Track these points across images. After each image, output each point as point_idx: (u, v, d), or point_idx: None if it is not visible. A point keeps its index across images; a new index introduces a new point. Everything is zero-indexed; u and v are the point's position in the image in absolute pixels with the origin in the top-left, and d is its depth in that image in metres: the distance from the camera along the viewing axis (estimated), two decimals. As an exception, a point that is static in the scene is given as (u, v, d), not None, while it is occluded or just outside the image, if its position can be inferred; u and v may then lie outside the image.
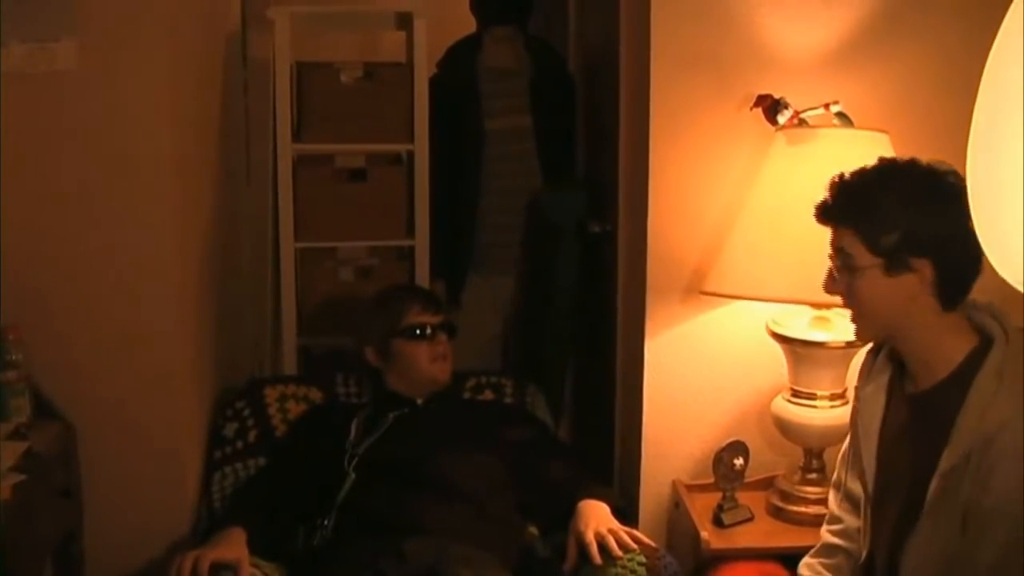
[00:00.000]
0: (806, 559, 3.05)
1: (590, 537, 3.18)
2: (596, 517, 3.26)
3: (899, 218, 2.55)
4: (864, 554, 2.82)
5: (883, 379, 2.78)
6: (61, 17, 3.22)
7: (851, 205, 2.65)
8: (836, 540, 3.00)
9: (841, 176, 2.69)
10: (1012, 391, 2.49)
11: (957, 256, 2.50)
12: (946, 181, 2.55)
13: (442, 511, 3.27)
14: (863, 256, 2.61)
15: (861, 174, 2.67)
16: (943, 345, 2.61)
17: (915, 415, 2.69)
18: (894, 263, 2.56)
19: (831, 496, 3.05)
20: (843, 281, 2.69)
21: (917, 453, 2.63)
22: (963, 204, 2.27)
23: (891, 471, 2.73)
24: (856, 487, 2.90)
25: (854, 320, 2.75)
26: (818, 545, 3.05)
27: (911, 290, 2.57)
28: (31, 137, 3.26)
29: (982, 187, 1.58)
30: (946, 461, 2.53)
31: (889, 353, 2.78)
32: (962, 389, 2.54)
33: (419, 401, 3.65)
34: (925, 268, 2.55)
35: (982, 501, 2.47)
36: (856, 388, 2.89)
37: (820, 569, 2.99)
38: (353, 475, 3.38)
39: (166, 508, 3.54)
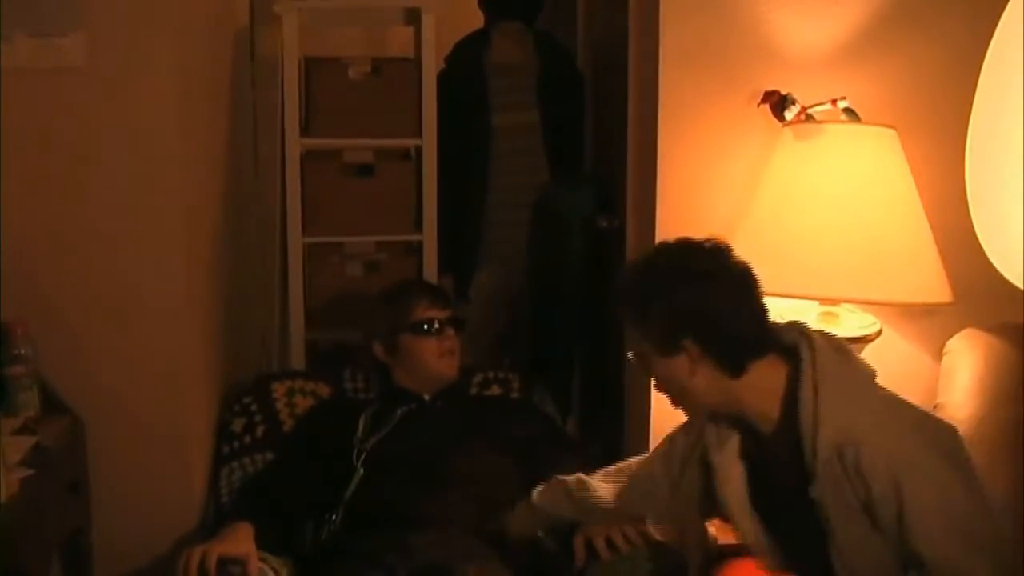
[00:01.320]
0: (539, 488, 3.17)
1: (598, 534, 3.18)
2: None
3: (658, 303, 2.60)
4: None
5: (733, 444, 2.78)
6: (68, 12, 3.22)
7: (623, 296, 2.73)
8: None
9: (625, 266, 2.74)
10: (834, 392, 2.53)
11: (726, 328, 2.57)
12: (712, 257, 2.63)
13: (450, 506, 3.27)
14: (639, 343, 2.70)
15: (634, 265, 2.75)
16: (757, 394, 2.64)
17: (772, 457, 2.68)
18: (664, 346, 2.62)
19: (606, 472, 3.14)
20: (639, 367, 2.76)
21: (788, 491, 2.63)
22: (734, 276, 2.49)
23: (774, 513, 2.73)
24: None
25: (673, 404, 2.79)
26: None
27: (688, 367, 2.60)
28: (38, 132, 3.26)
29: (981, 186, 1.59)
30: (814, 490, 2.55)
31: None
32: (796, 418, 2.57)
33: (426, 397, 3.65)
34: (690, 346, 2.59)
35: (871, 495, 2.47)
36: (716, 462, 2.87)
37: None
38: (361, 471, 3.39)
39: (174, 503, 3.55)
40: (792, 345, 2.63)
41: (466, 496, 3.31)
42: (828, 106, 3.41)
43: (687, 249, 2.68)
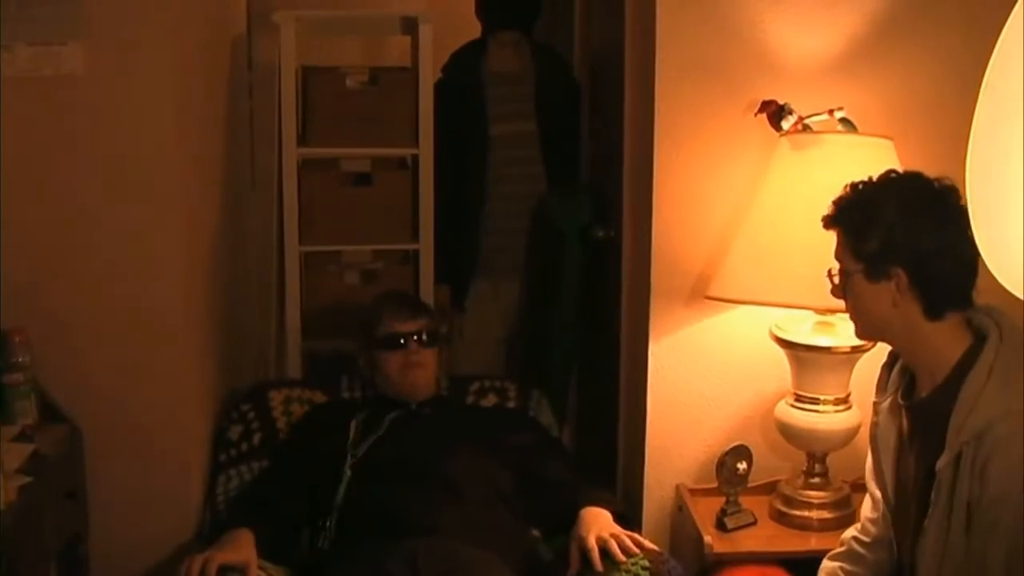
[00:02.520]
0: (828, 561, 3.06)
1: (592, 542, 3.19)
2: (598, 523, 3.27)
3: (879, 227, 2.64)
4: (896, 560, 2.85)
5: (895, 392, 2.82)
6: (67, 21, 3.23)
7: (842, 213, 2.74)
8: (862, 551, 3.01)
9: (849, 184, 2.74)
10: (1003, 386, 2.53)
11: (937, 268, 2.60)
12: (940, 197, 2.63)
13: (445, 512, 3.27)
14: (849, 261, 2.71)
15: (859, 184, 2.73)
16: (936, 350, 2.66)
17: (918, 421, 2.72)
18: (874, 270, 2.65)
19: (866, 504, 3.05)
20: (839, 284, 2.77)
21: (923, 458, 2.66)
22: (956, 221, 2.34)
23: (906, 479, 2.75)
24: (879, 496, 2.93)
25: (851, 320, 2.84)
26: (843, 548, 3.05)
27: (891, 296, 2.62)
28: (36, 141, 3.27)
29: (981, 196, 1.60)
30: (941, 461, 2.58)
31: (902, 366, 2.81)
32: (957, 391, 2.58)
33: (413, 405, 3.66)
34: (901, 277, 2.61)
35: (981, 497, 2.50)
36: (874, 403, 2.91)
37: (839, 573, 3.01)
38: (349, 473, 3.39)
39: (171, 511, 3.55)
40: (980, 325, 2.65)
41: (460, 501, 3.31)
42: (825, 116, 3.42)
43: (920, 183, 2.70)
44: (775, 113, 3.43)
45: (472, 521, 3.27)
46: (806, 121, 3.41)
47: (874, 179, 2.74)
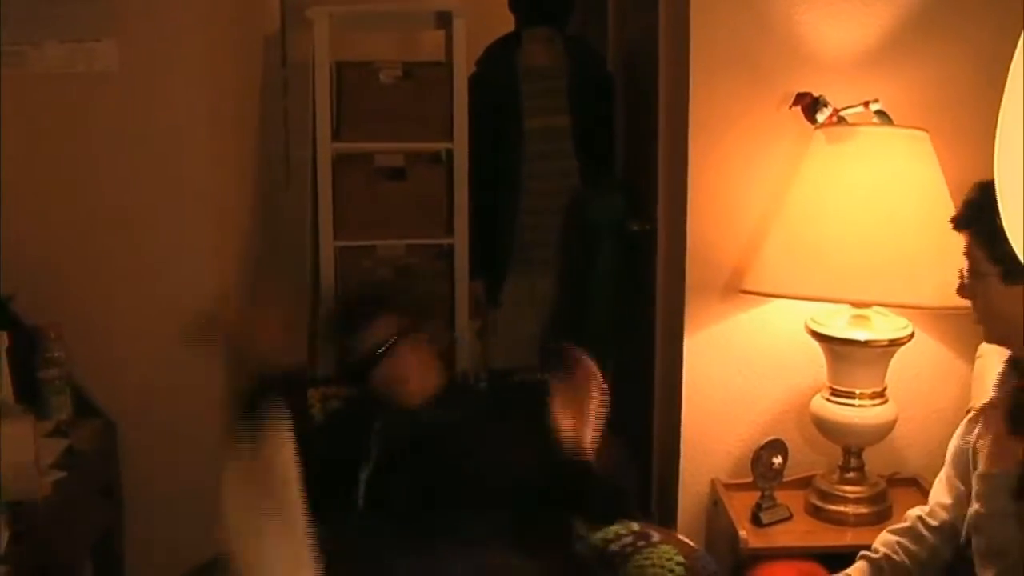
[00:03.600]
0: (886, 534, 3.01)
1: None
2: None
3: None
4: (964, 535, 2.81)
5: (1009, 388, 2.78)
6: (101, 18, 3.25)
7: (975, 212, 2.66)
8: (926, 532, 2.96)
9: (977, 184, 2.69)
10: None
11: None
12: None
13: (477, 515, 3.21)
14: (982, 263, 2.63)
15: (990, 183, 2.68)
16: None
17: (1020, 415, 2.68)
18: (1010, 272, 2.57)
19: (939, 488, 3.00)
20: (969, 285, 2.71)
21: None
22: None
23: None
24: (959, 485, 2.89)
25: (978, 323, 2.77)
26: (907, 524, 3.00)
27: None
28: (70, 137, 3.29)
29: (1011, 188, 1.57)
30: None
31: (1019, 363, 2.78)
32: None
33: (423, 408, 3.42)
34: None
35: None
36: (990, 402, 2.86)
37: (898, 550, 2.96)
38: (368, 470, 3.30)
39: (205, 506, 3.55)
40: None
41: (491, 505, 3.25)
42: (860, 108, 3.40)
43: None
44: (810, 106, 3.41)
45: (503, 525, 3.21)
46: (841, 113, 3.39)
47: None
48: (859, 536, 3.23)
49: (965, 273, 2.71)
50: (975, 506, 2.65)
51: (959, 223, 2.71)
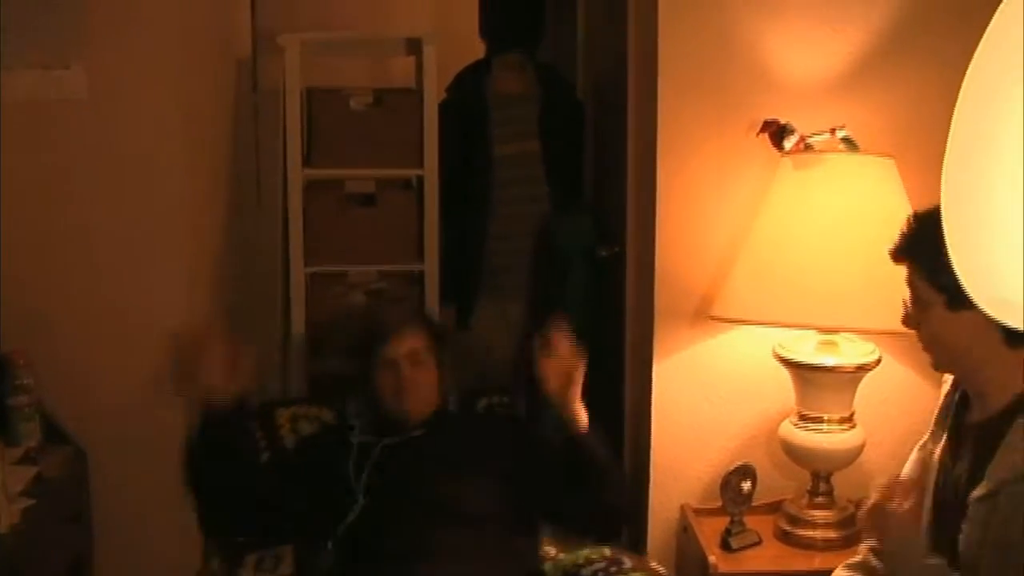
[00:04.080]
0: (840, 570, 3.03)
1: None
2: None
3: None
4: None
5: (952, 414, 2.80)
6: (70, 45, 3.25)
7: (915, 243, 2.67)
8: (878, 565, 2.98)
9: (912, 215, 2.71)
10: None
11: None
12: None
13: (446, 536, 3.23)
14: (926, 292, 2.64)
15: (925, 214, 2.70)
16: (1002, 380, 2.61)
17: (967, 445, 2.69)
18: (955, 300, 2.58)
19: None
20: (913, 315, 2.71)
21: (963, 483, 2.64)
22: None
23: (944, 502, 2.72)
24: None
25: (925, 351, 2.77)
26: (858, 559, 3.02)
27: (974, 326, 2.58)
28: (40, 163, 3.28)
29: (956, 219, 1.59)
30: (978, 490, 2.54)
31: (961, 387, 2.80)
32: (1010, 424, 2.55)
33: (414, 428, 3.50)
34: None
35: (1001, 539, 2.46)
36: (931, 432, 2.86)
37: None
38: (356, 508, 3.32)
39: (176, 533, 3.55)
40: None
41: (464, 526, 3.28)
42: (827, 135, 3.42)
43: None
44: (777, 133, 3.43)
45: (471, 546, 3.24)
46: (808, 140, 3.41)
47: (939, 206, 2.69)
48: (828, 561, 3.24)
49: (908, 303, 2.73)
50: None
51: (897, 254, 2.73)
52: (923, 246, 2.63)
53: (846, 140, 3.41)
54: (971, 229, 1.59)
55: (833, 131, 3.42)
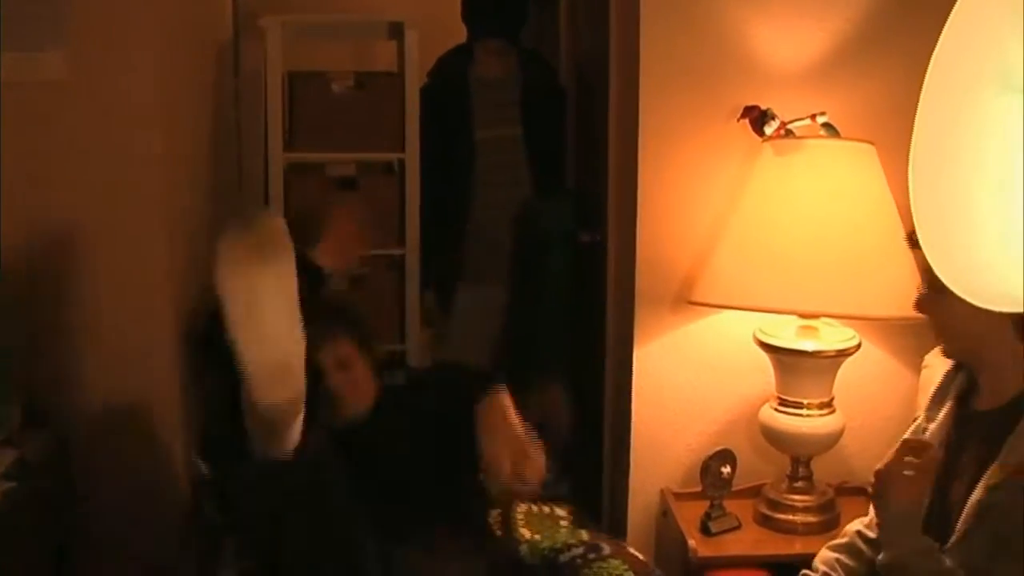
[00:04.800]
0: (825, 550, 3.04)
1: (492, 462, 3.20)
2: (497, 432, 3.26)
3: None
4: None
5: (952, 396, 2.81)
6: (50, 26, 3.23)
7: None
8: (863, 546, 2.98)
9: None
10: None
11: None
12: None
13: (417, 525, 3.22)
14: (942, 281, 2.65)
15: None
16: (1014, 370, 2.62)
17: (974, 433, 2.70)
18: None
19: None
20: (927, 299, 2.72)
21: (968, 471, 2.64)
22: None
23: (945, 488, 2.73)
24: None
25: (937, 338, 2.80)
26: (845, 540, 3.03)
27: (987, 315, 2.59)
28: (17, 147, 3.26)
29: (926, 206, 1.61)
30: (985, 480, 2.55)
31: (966, 372, 2.81)
32: (1017, 414, 2.57)
33: (360, 420, 3.47)
34: None
35: (1009, 534, 2.46)
36: (927, 410, 2.88)
37: (836, 567, 2.99)
38: None
39: (160, 519, 3.55)
40: None
41: (427, 515, 3.27)
42: (807, 121, 3.43)
43: None
44: (758, 118, 3.43)
45: (441, 533, 3.23)
46: (789, 126, 3.41)
47: None
48: (808, 545, 3.25)
49: (923, 288, 2.73)
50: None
51: (914, 239, 2.73)
52: None
53: (826, 126, 3.42)
54: (942, 220, 1.60)
55: (814, 117, 3.42)
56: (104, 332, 3.41)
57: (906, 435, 2.88)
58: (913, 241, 2.71)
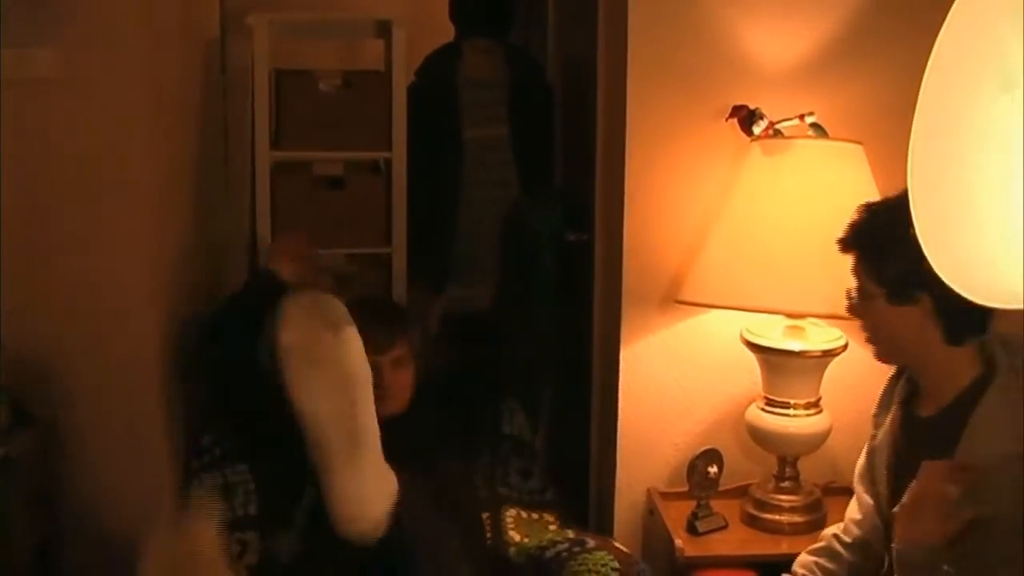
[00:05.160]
0: (804, 555, 3.06)
1: None
2: None
3: (901, 252, 2.54)
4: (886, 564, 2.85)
5: (897, 403, 2.84)
6: (39, 24, 3.22)
7: (860, 237, 2.72)
8: (841, 550, 3.01)
9: (863, 206, 2.73)
10: (1012, 423, 2.51)
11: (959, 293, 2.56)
12: None
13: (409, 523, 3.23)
14: (869, 284, 2.68)
15: (875, 206, 2.73)
16: (949, 373, 2.66)
17: (921, 439, 2.72)
18: (896, 294, 2.62)
19: (852, 506, 3.04)
20: (857, 305, 2.75)
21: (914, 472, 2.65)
22: None
23: (900, 491, 2.74)
24: (868, 500, 2.93)
25: (868, 343, 2.82)
26: (822, 544, 3.05)
27: (914, 321, 2.62)
28: (7, 142, 3.25)
29: (925, 201, 1.61)
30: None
31: (908, 377, 2.82)
32: (963, 417, 2.59)
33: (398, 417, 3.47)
34: (925, 301, 2.60)
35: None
36: (875, 416, 2.92)
37: (816, 570, 3.00)
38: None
39: (144, 515, 3.54)
40: (992, 354, 2.65)
41: (412, 520, 3.27)
42: (796, 121, 3.44)
43: None
44: (746, 118, 3.44)
45: (433, 536, 3.23)
46: (777, 126, 3.42)
47: (892, 200, 2.67)
48: (794, 545, 3.26)
49: (853, 293, 2.76)
50: None
51: (845, 244, 2.76)
52: (870, 238, 2.69)
53: (815, 126, 3.43)
54: (942, 218, 1.61)
55: (802, 117, 3.43)
56: (88, 327, 3.40)
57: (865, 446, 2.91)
58: (844, 246, 2.75)
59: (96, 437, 3.44)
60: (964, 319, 2.60)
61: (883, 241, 2.65)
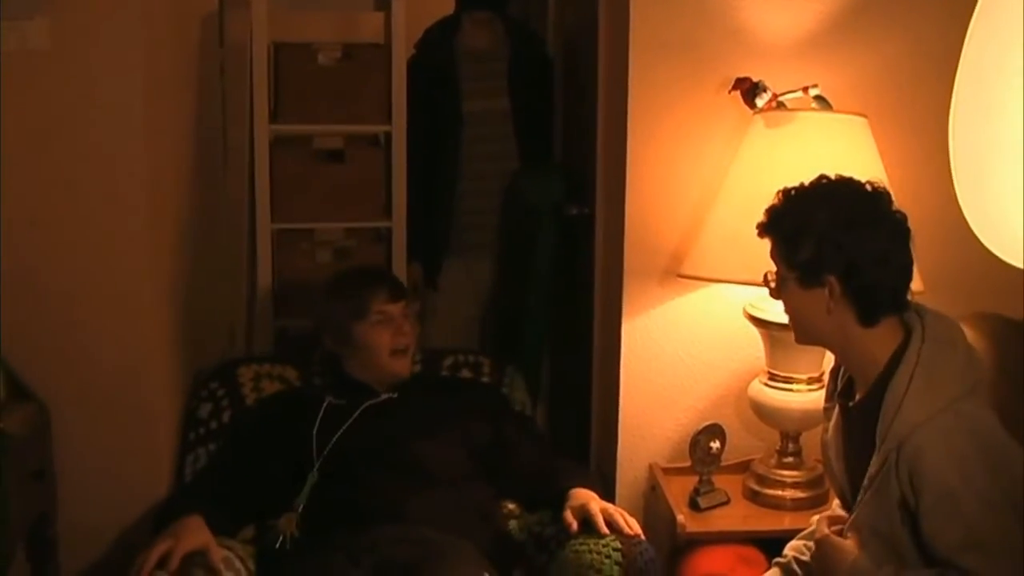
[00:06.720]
0: (795, 541, 3.05)
1: (596, 509, 3.17)
2: (594, 498, 3.27)
3: (811, 236, 2.64)
4: None
5: (835, 393, 2.87)
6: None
7: (774, 221, 2.76)
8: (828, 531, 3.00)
9: (780, 191, 2.75)
10: (926, 389, 2.54)
11: (871, 276, 2.61)
12: (872, 203, 2.67)
13: (412, 498, 3.22)
14: (783, 268, 2.74)
15: (791, 191, 2.74)
16: (870, 353, 2.68)
17: (855, 424, 2.75)
18: (807, 277, 2.66)
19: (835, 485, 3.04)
20: (775, 289, 2.79)
21: (860, 460, 2.67)
22: (889, 227, 2.49)
23: (854, 480, 2.74)
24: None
25: (798, 338, 2.86)
26: (811, 528, 3.04)
27: (825, 303, 2.64)
28: (3, 114, 3.24)
29: (965, 162, 1.59)
30: (872, 467, 2.60)
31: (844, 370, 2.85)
32: (882, 396, 2.60)
33: (382, 391, 3.53)
34: (834, 285, 2.63)
35: (919, 503, 2.50)
36: (825, 408, 2.93)
37: (804, 551, 2.99)
38: (316, 474, 3.32)
39: (140, 489, 3.53)
40: (909, 323, 2.66)
41: (432, 486, 3.27)
42: (799, 93, 3.41)
43: (850, 189, 2.71)
44: (749, 90, 3.42)
45: (441, 506, 3.23)
46: (780, 99, 3.40)
47: (806, 186, 2.74)
48: (797, 520, 3.25)
49: (771, 277, 2.79)
50: None
51: (763, 230, 2.77)
52: (784, 222, 2.72)
53: (819, 98, 3.41)
54: (977, 176, 1.59)
55: (806, 89, 3.41)
56: (85, 303, 3.39)
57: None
58: (761, 231, 2.78)
59: (91, 414, 3.43)
60: (877, 299, 2.63)
61: (794, 226, 2.69)
